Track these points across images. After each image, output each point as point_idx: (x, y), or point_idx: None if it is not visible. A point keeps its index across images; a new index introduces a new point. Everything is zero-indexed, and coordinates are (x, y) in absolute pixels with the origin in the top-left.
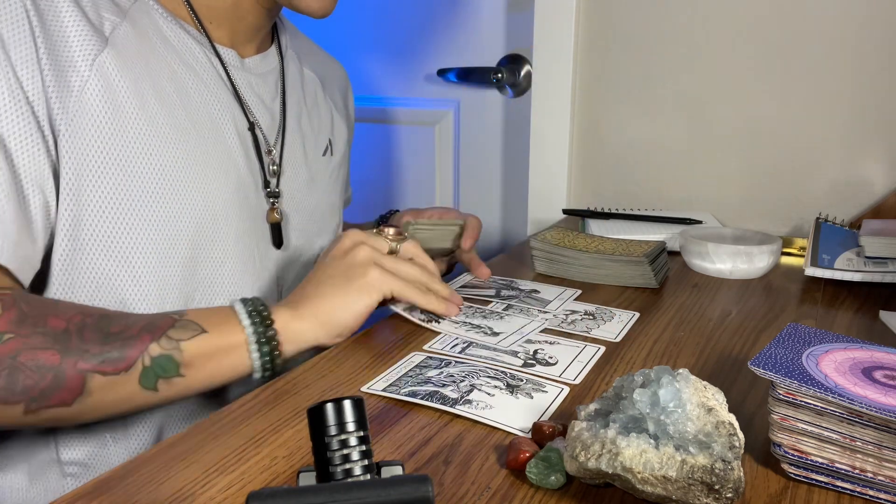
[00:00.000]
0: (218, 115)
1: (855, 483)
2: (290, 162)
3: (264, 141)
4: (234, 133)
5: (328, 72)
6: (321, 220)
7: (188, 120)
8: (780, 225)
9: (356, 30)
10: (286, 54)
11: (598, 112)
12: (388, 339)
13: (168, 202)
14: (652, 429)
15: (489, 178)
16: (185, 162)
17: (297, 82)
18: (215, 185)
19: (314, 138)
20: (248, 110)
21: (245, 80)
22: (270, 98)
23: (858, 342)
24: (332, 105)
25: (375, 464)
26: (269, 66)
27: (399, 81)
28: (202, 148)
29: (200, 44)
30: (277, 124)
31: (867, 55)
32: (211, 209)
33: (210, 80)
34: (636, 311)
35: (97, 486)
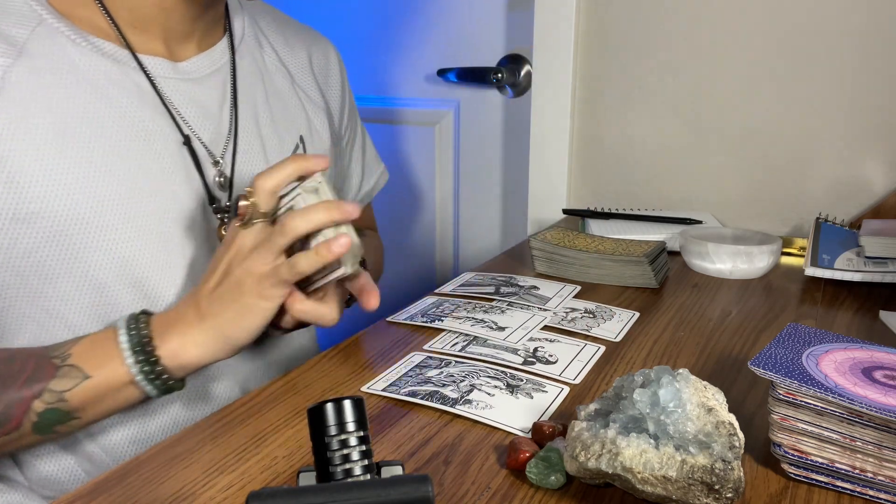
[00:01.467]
0: (142, 139)
1: (855, 483)
2: (245, 170)
3: (207, 153)
4: (166, 153)
5: (301, 55)
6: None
7: (103, 157)
8: (780, 225)
9: (356, 30)
10: (240, 45)
11: (598, 112)
12: (388, 339)
13: (94, 253)
14: (652, 429)
15: (489, 178)
16: (104, 205)
17: (255, 78)
18: (149, 219)
19: (278, 139)
20: (183, 122)
21: (178, 90)
22: (216, 102)
23: (858, 342)
24: (305, 95)
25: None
26: (213, 66)
27: (399, 81)
28: (125, 183)
29: (118, 61)
30: (227, 130)
31: (867, 55)
32: (147, 245)
33: (129, 103)
34: (636, 310)
35: (97, 486)
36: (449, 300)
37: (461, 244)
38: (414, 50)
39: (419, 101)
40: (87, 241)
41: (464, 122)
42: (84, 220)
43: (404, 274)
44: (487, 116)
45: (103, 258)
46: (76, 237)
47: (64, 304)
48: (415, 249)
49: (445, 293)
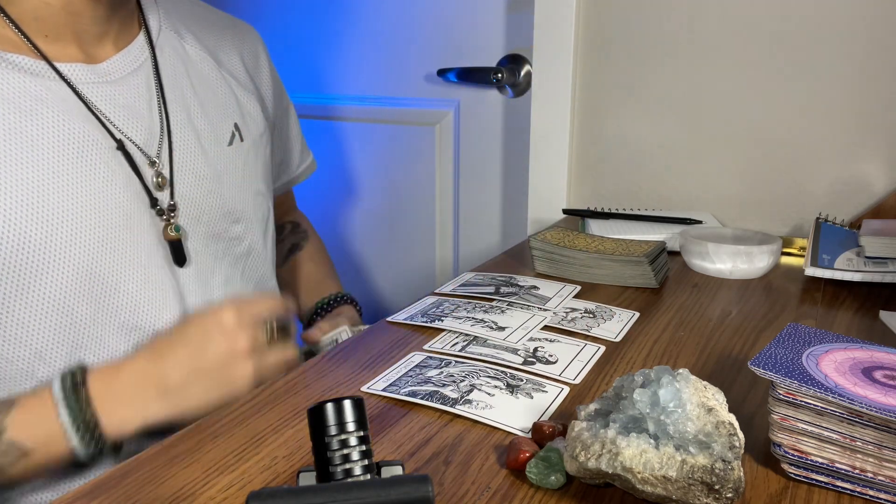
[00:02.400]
0: (75, 151)
1: (855, 483)
2: (184, 166)
3: (141, 154)
4: (101, 160)
5: (224, 41)
6: (241, 215)
7: (39, 177)
8: (780, 225)
9: (356, 30)
10: (158, 38)
11: (598, 112)
12: (388, 339)
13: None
14: (652, 429)
15: (489, 178)
16: (49, 225)
17: (179, 70)
18: (96, 230)
19: (213, 130)
20: (112, 127)
21: (102, 93)
22: (143, 100)
23: (858, 342)
24: (234, 80)
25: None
26: (134, 63)
27: (399, 81)
28: (66, 199)
29: (35, 74)
30: (158, 128)
31: (867, 55)
32: (99, 256)
33: (55, 115)
34: (636, 310)
35: (97, 485)
36: (449, 300)
37: (461, 244)
38: (414, 50)
39: (419, 101)
40: (40, 263)
41: (464, 122)
42: (32, 244)
43: (404, 274)
44: (487, 116)
45: (59, 278)
46: (28, 262)
47: (26, 330)
48: (415, 249)
49: (445, 293)
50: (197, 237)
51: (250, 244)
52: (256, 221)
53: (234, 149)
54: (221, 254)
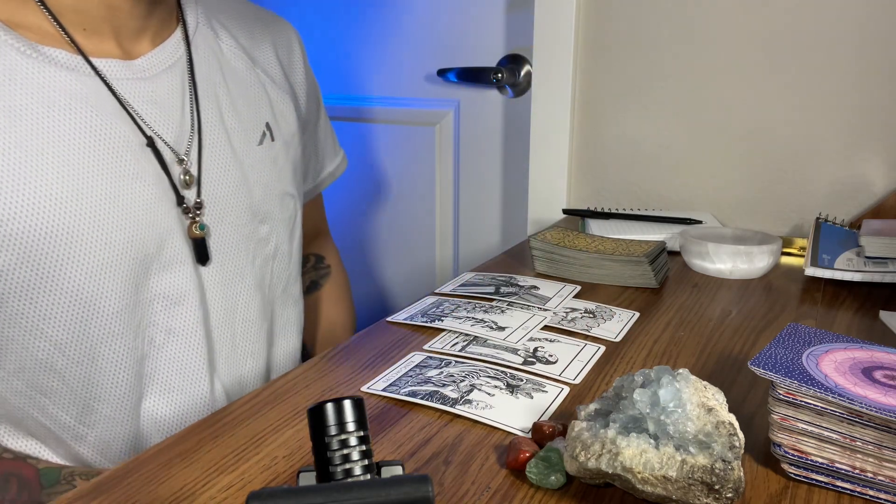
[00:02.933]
0: (105, 147)
1: (855, 483)
2: (213, 165)
3: (171, 151)
4: (130, 156)
5: (260, 38)
6: (267, 216)
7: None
8: (780, 225)
9: (356, 29)
10: (195, 35)
11: (598, 112)
12: (388, 339)
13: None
14: (652, 429)
15: (489, 178)
16: (74, 219)
17: (213, 67)
18: (121, 226)
19: (243, 129)
20: (143, 124)
21: (136, 90)
22: (176, 97)
23: (858, 342)
24: (268, 79)
25: (375, 464)
26: (169, 60)
27: (399, 81)
28: (92, 193)
29: (71, 69)
30: (189, 126)
31: (867, 55)
32: (123, 252)
33: (88, 111)
34: (636, 310)
35: (97, 486)
36: (449, 300)
37: (461, 244)
38: (414, 50)
39: (419, 101)
40: (63, 256)
41: (464, 122)
42: (56, 236)
43: (404, 274)
44: (487, 116)
45: (81, 272)
46: (50, 254)
47: (46, 322)
48: (415, 249)
49: (445, 293)
50: (222, 236)
51: (276, 245)
52: (282, 222)
53: (264, 148)
54: (248, 254)
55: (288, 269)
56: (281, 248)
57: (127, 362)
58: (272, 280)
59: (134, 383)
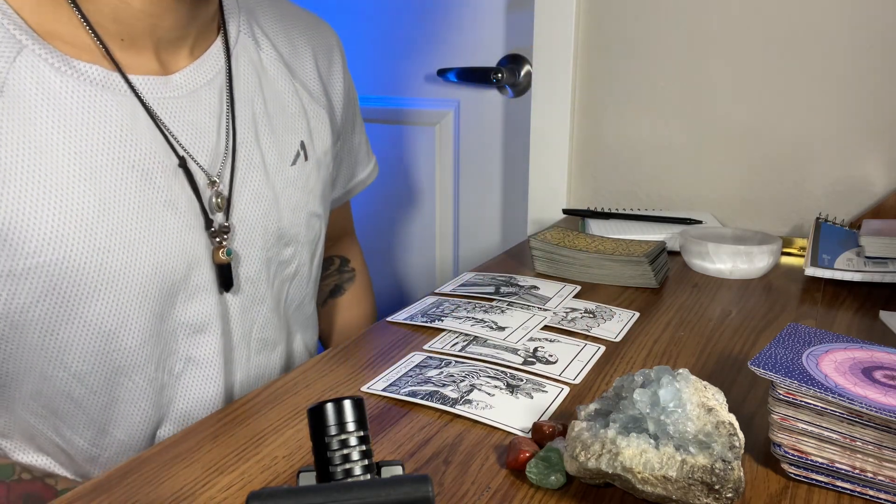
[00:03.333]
0: (137, 170)
1: (855, 483)
2: (245, 187)
3: (203, 173)
4: (163, 181)
5: (301, 45)
6: (292, 238)
7: (97, 199)
8: (780, 225)
9: (356, 29)
10: (236, 45)
11: (598, 112)
12: (388, 339)
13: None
14: (652, 429)
15: (489, 178)
16: (101, 252)
17: (252, 82)
18: (150, 257)
19: (278, 149)
20: (177, 144)
21: (171, 108)
22: (212, 116)
23: (858, 342)
24: (306, 93)
25: (375, 464)
26: (208, 74)
27: (399, 81)
28: (122, 224)
29: (106, 87)
30: (224, 146)
31: (867, 55)
32: (150, 284)
33: (121, 132)
34: (636, 310)
35: (97, 485)
36: (449, 300)
37: (461, 244)
38: (414, 50)
39: (419, 101)
40: (88, 289)
41: (464, 122)
42: (83, 268)
43: (404, 274)
44: (487, 116)
45: (105, 304)
46: (75, 287)
47: (67, 353)
48: (415, 249)
49: (445, 293)
50: (248, 261)
51: (298, 266)
52: (307, 244)
53: (297, 168)
54: (271, 278)
55: (305, 290)
56: (301, 270)
57: (146, 392)
58: (288, 300)
59: (152, 413)
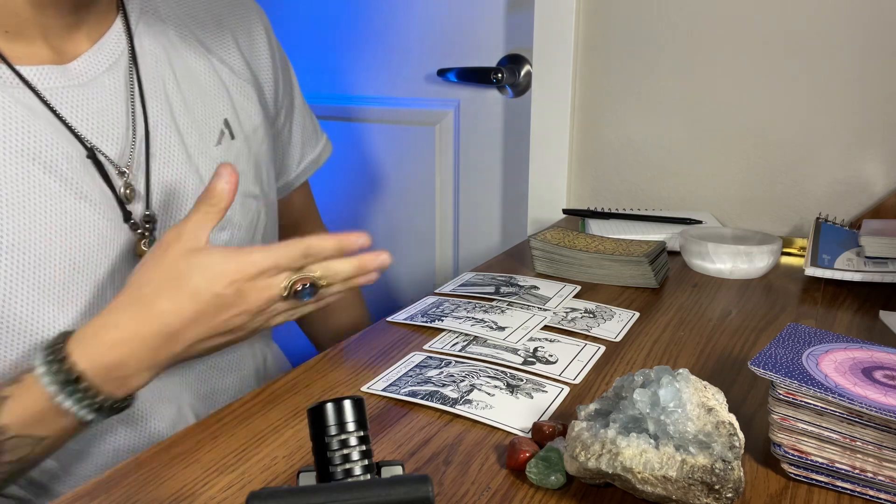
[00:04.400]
0: (42, 166)
1: (855, 483)
2: (165, 173)
3: (111, 164)
4: (72, 174)
5: (214, 21)
6: (225, 222)
7: (4, 196)
8: (780, 225)
9: (356, 29)
10: (138, 24)
11: (598, 112)
12: (388, 339)
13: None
14: (652, 429)
15: (489, 178)
16: (12, 257)
17: (161, 60)
18: (64, 253)
19: (198, 129)
20: (81, 135)
21: (72, 99)
22: (119, 102)
23: (858, 342)
24: (226, 69)
25: (375, 464)
26: (109, 59)
27: (399, 81)
28: (30, 218)
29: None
30: (135, 132)
31: (867, 55)
32: (63, 281)
33: (19, 128)
34: (636, 310)
35: (97, 486)
36: (449, 300)
37: (461, 244)
38: (414, 50)
39: (419, 101)
40: (5, 292)
41: (464, 122)
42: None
43: (404, 274)
44: (487, 116)
45: (27, 305)
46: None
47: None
48: (415, 249)
49: (445, 293)
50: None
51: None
52: (243, 227)
53: (222, 148)
54: None
55: None
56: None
57: None
58: None
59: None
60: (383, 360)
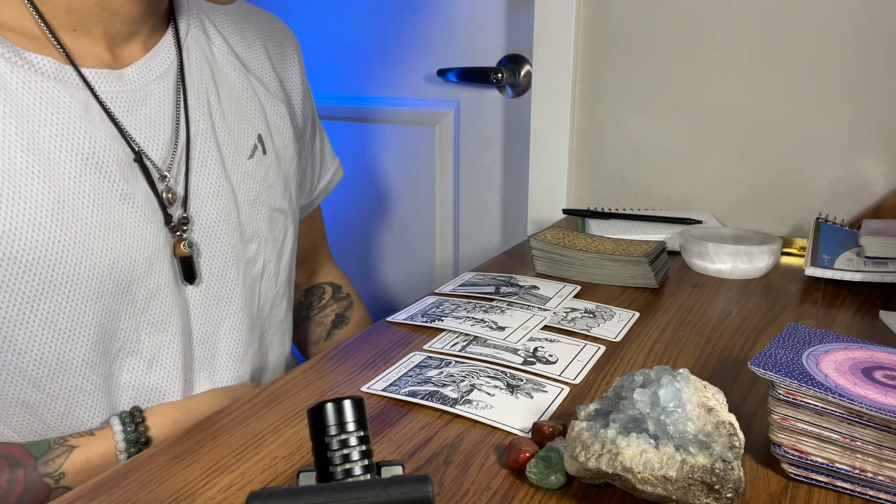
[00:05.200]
0: (92, 165)
1: (855, 483)
2: (202, 180)
3: (154, 168)
4: (119, 175)
5: (253, 40)
6: (254, 234)
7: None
8: (780, 225)
9: (356, 29)
10: (186, 38)
11: (598, 112)
12: (388, 339)
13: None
14: (652, 429)
15: (489, 178)
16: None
17: (205, 74)
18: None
19: (233, 142)
20: (131, 138)
21: (125, 102)
22: (166, 110)
23: (858, 342)
24: (262, 87)
25: (375, 464)
26: (161, 67)
27: (399, 81)
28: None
29: (57, 79)
30: (177, 139)
31: (867, 55)
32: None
33: (74, 126)
34: (636, 310)
35: (97, 486)
36: (449, 300)
37: (461, 244)
38: (414, 50)
39: (419, 101)
40: (43, 285)
41: (464, 122)
42: (38, 263)
43: (404, 274)
44: (487, 116)
45: (61, 301)
46: (30, 283)
47: (22, 356)
48: (415, 249)
49: (445, 293)
50: (211, 255)
51: (264, 265)
52: (270, 241)
53: (254, 162)
54: (237, 275)
55: (275, 289)
56: (268, 267)
57: (103, 391)
58: (260, 302)
59: (109, 413)
60: (383, 360)
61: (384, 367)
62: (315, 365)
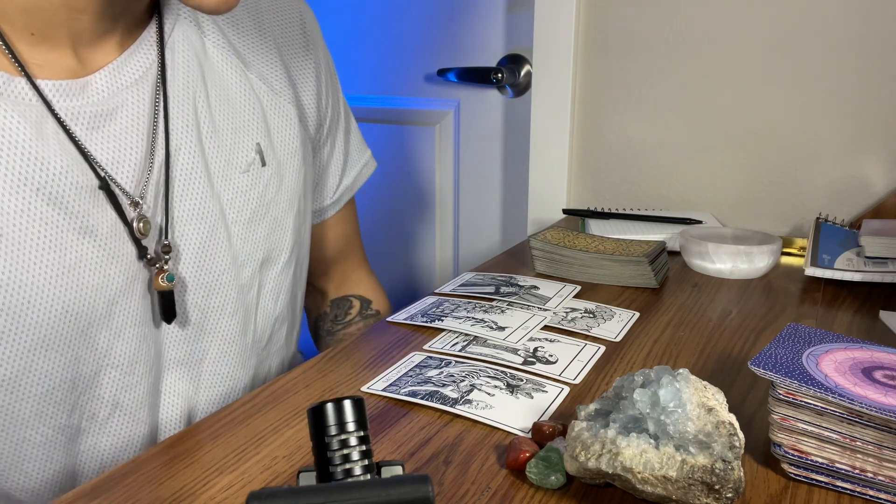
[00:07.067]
0: (46, 195)
1: (855, 483)
2: (185, 200)
3: (124, 194)
4: (79, 207)
5: (256, 29)
6: (247, 259)
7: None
8: (780, 225)
9: (356, 29)
10: (172, 34)
11: (598, 112)
12: (388, 339)
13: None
14: (652, 429)
15: (489, 178)
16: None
17: (193, 75)
18: (65, 295)
19: (225, 154)
20: (95, 161)
21: (88, 116)
22: (141, 123)
23: (858, 342)
24: (264, 86)
25: (375, 464)
26: (136, 72)
27: (399, 81)
28: (28, 254)
29: (6, 96)
30: (150, 158)
31: (867, 55)
32: (65, 320)
33: (21, 147)
34: (636, 310)
35: (97, 486)
36: (449, 300)
37: (461, 244)
38: (414, 50)
39: (419, 101)
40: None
41: (464, 122)
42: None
43: (404, 274)
44: (487, 116)
45: (7, 352)
46: None
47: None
48: (415, 249)
49: (445, 293)
50: (197, 287)
51: (259, 288)
52: (269, 262)
53: (250, 176)
54: (225, 305)
55: (274, 314)
56: (266, 292)
57: (58, 442)
58: (257, 331)
59: (66, 463)
60: (383, 360)
61: (384, 367)
62: (315, 365)
